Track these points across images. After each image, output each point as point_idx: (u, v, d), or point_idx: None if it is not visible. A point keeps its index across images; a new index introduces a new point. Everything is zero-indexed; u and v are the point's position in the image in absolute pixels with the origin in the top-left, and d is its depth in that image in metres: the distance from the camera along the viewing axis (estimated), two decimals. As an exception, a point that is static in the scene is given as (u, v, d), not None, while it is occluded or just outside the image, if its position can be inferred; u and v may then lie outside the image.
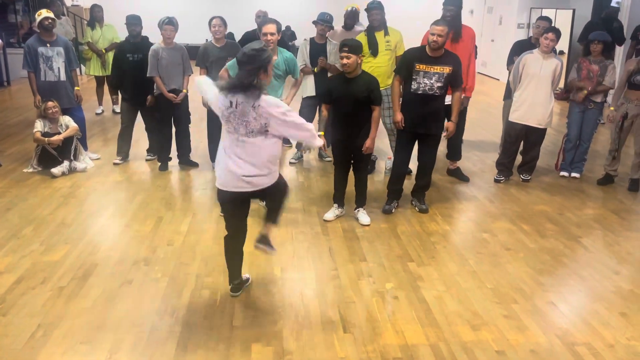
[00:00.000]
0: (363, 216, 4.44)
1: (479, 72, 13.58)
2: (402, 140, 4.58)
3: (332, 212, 4.48)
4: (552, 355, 2.75)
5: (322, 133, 4.18)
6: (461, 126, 5.47)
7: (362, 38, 5.32)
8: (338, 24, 6.03)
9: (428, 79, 4.29)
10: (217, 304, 3.20)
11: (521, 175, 5.55)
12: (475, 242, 4.16)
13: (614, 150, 5.28)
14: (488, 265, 3.74)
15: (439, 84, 4.31)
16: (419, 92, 4.34)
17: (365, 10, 5.34)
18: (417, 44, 4.87)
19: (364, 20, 5.71)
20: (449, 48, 5.02)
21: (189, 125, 5.78)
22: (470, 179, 5.58)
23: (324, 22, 5.57)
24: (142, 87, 5.56)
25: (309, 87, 5.69)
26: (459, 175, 5.61)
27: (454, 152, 5.62)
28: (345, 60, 4.03)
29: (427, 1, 16.55)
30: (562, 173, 5.65)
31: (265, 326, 2.97)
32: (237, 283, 3.30)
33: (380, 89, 5.26)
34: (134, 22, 5.61)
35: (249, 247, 3.33)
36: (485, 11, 13.55)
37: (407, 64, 4.35)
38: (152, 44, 5.51)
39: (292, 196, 5.05)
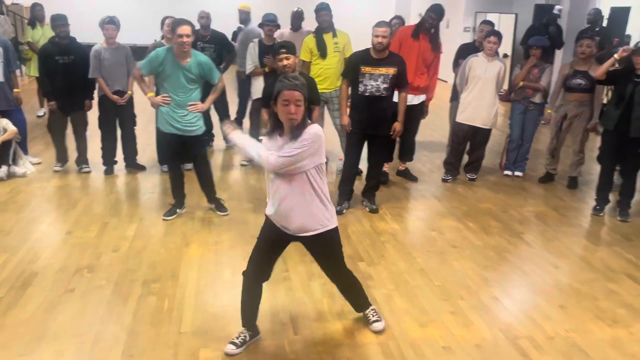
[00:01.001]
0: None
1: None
2: (352, 142, 4.62)
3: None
4: (495, 349, 2.84)
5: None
6: (414, 128, 5.59)
7: (310, 40, 5.35)
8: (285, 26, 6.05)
9: (374, 81, 4.35)
10: (164, 310, 3.13)
11: (467, 175, 5.71)
12: (424, 240, 4.24)
13: (553, 150, 5.51)
14: (436, 263, 3.82)
15: (385, 85, 4.37)
16: (366, 94, 4.39)
17: (315, 11, 5.37)
18: (366, 46, 4.94)
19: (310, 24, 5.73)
20: (421, 54, 5.18)
21: (135, 127, 5.64)
22: (419, 178, 5.69)
23: (270, 22, 5.56)
24: (74, 92, 5.29)
25: (259, 89, 5.66)
26: (407, 176, 5.72)
27: (407, 152, 5.72)
28: (285, 62, 4.02)
29: (376, 3, 16.82)
30: (506, 172, 5.85)
31: (214, 331, 2.93)
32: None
33: (331, 90, 5.35)
34: (61, 22, 5.16)
35: (195, 253, 3.27)
36: (433, 15, 13.84)
37: (353, 67, 4.40)
38: (81, 45, 5.32)
39: (243, 198, 5.02)
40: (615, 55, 4.48)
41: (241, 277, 2.83)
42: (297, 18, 5.98)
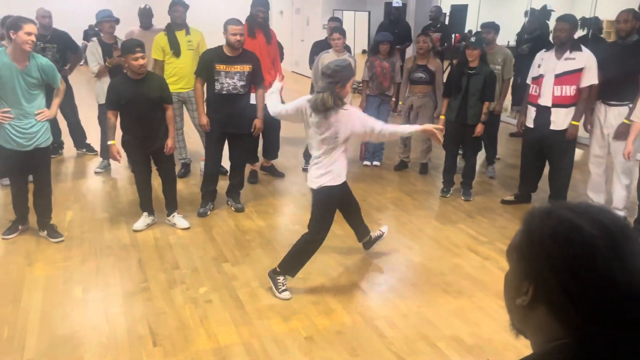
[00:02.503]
0: (180, 220, 4.31)
1: (293, 72, 14.15)
2: (211, 141, 4.53)
3: (142, 221, 4.27)
4: (355, 332, 2.97)
5: (113, 142, 3.98)
6: (277, 125, 5.62)
7: (162, 38, 5.14)
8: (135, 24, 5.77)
9: (230, 79, 4.31)
10: (4, 336, 2.82)
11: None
12: (288, 235, 4.30)
13: (405, 139, 5.89)
14: (300, 256, 3.89)
15: (242, 83, 4.35)
16: (224, 92, 4.34)
17: (169, 6, 5.16)
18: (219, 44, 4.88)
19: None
20: (264, 50, 5.16)
21: None
22: (285, 174, 5.76)
23: (110, 19, 5.25)
24: None
25: (103, 91, 5.28)
26: (273, 172, 5.76)
27: (271, 150, 5.75)
28: (141, 61, 3.85)
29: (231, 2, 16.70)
30: (365, 162, 6.15)
31: (63, 355, 2.71)
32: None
33: (188, 90, 5.19)
34: None
35: (41, 272, 2.99)
36: (293, 12, 14.12)
37: (206, 65, 4.31)
38: None
39: (97, 207, 4.70)
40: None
41: (95, 294, 2.66)
42: (146, 15, 5.72)
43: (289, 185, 5.51)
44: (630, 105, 4.19)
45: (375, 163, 6.13)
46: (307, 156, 5.88)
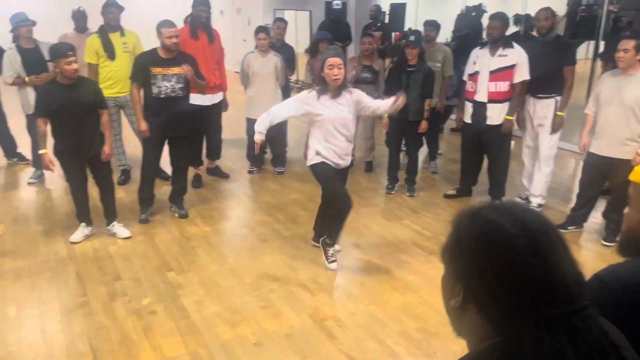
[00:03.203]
0: (121, 229, 4.16)
1: (235, 72, 13.97)
2: (151, 145, 4.39)
3: (79, 233, 4.08)
4: (304, 335, 2.96)
5: (45, 151, 3.80)
6: (218, 126, 5.56)
7: (94, 40, 4.94)
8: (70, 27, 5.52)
9: (167, 82, 4.20)
10: None
11: (276, 169, 5.86)
12: (235, 239, 4.24)
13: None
14: (247, 260, 3.84)
15: (180, 85, 4.25)
16: (162, 95, 4.21)
17: (102, 7, 4.95)
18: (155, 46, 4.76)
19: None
20: (207, 50, 5.07)
21: None
22: (230, 175, 5.68)
23: (25, 22, 4.99)
24: None
25: (30, 101, 5.01)
26: (218, 173, 5.67)
27: (214, 151, 5.66)
28: (74, 66, 3.69)
29: (169, 2, 16.32)
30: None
31: (-4, 379, 2.55)
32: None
33: (125, 94, 5.01)
34: None
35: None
36: (234, 12, 13.94)
37: (141, 69, 4.18)
38: None
39: (31, 220, 4.47)
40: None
41: (30, 312, 2.53)
42: (80, 18, 5.47)
43: (234, 187, 5.43)
44: (558, 98, 4.41)
45: (321, 162, 6.13)
46: (251, 158, 5.82)
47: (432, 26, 5.60)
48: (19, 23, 4.99)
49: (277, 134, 5.72)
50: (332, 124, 3.47)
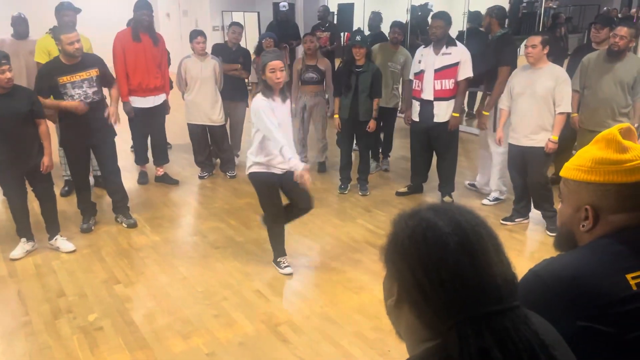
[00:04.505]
0: (64, 243, 3.99)
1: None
2: (74, 155, 4.24)
3: (20, 248, 3.89)
4: (258, 342, 2.91)
5: None
6: (161, 129, 5.53)
7: (48, 40, 4.75)
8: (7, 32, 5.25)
9: (79, 88, 4.04)
10: None
11: (227, 173, 5.77)
12: (186, 247, 4.14)
13: (302, 139, 5.91)
14: (199, 268, 3.76)
15: (94, 89, 4.11)
16: None
17: (56, 10, 4.74)
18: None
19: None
20: (149, 53, 5.01)
21: None
22: (179, 181, 5.56)
23: None
24: None
25: None
26: (167, 180, 5.54)
27: (160, 155, 5.55)
28: (8, 74, 3.52)
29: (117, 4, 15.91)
30: (263, 165, 6.08)
31: None
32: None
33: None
34: None
35: None
36: (180, 14, 13.68)
37: (48, 81, 3.96)
38: None
39: (-34, 239, 4.22)
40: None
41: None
42: (22, 24, 5.20)
43: (184, 194, 5.31)
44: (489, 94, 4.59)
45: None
46: (200, 164, 5.72)
47: (399, 28, 5.51)
48: None
49: (225, 138, 5.68)
50: (282, 126, 3.41)
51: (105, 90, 4.37)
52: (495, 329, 0.75)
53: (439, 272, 0.78)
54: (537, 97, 3.96)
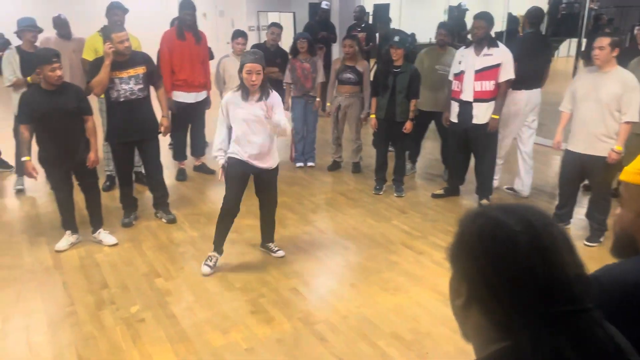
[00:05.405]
0: (107, 236, 4.11)
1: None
2: (117, 153, 4.35)
3: (65, 241, 4.02)
4: (295, 339, 2.93)
5: (27, 158, 3.72)
6: (201, 122, 5.73)
7: (96, 38, 4.96)
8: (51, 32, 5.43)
9: (126, 84, 4.14)
10: None
11: None
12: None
13: (336, 139, 5.92)
14: (236, 265, 3.81)
15: (139, 86, 4.20)
16: (121, 99, 4.16)
17: (107, 9, 4.92)
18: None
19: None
20: (194, 50, 5.20)
21: None
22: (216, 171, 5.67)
23: (32, 28, 4.96)
24: None
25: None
26: (204, 170, 5.75)
27: (197, 147, 5.80)
28: (58, 72, 3.64)
29: (158, 4, 16.22)
30: (298, 164, 6.12)
31: (-19, 394, 2.50)
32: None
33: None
34: None
35: None
36: (217, 15, 13.87)
37: (98, 72, 4.08)
38: None
39: (14, 229, 4.39)
40: None
41: (16, 323, 2.50)
42: (63, 26, 5.38)
43: (220, 191, 5.35)
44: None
45: (310, 164, 6.12)
46: None
47: (445, 29, 5.39)
48: (25, 27, 4.93)
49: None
50: (247, 124, 3.52)
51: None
52: (570, 329, 0.74)
53: (511, 271, 0.77)
54: (601, 103, 3.76)
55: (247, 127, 3.53)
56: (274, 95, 3.56)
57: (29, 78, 4.90)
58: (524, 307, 0.77)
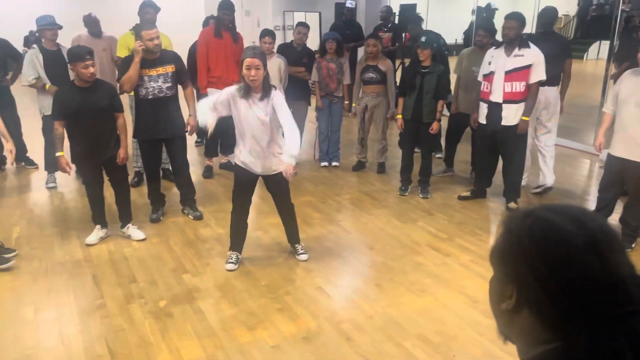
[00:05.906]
0: (135, 232, 4.17)
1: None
2: (145, 150, 4.41)
3: (95, 235, 4.10)
4: (322, 338, 2.94)
5: (61, 153, 3.80)
6: (231, 120, 5.70)
7: (129, 36, 5.05)
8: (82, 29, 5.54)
9: (154, 82, 4.20)
10: (-52, 370, 2.64)
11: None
12: (249, 241, 4.19)
13: (361, 139, 5.91)
14: (262, 262, 3.83)
15: (168, 85, 4.26)
16: (149, 97, 4.22)
17: (139, 7, 5.01)
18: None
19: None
20: (230, 49, 5.25)
21: None
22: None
23: (52, 26, 5.04)
24: None
25: (48, 103, 5.05)
26: (230, 168, 5.76)
27: (226, 145, 5.83)
28: (91, 69, 3.71)
29: (185, 3, 16.41)
30: (322, 164, 6.12)
31: (15, 382, 2.56)
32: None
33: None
34: None
35: None
36: (243, 14, 13.96)
37: (127, 69, 4.15)
38: None
39: (46, 223, 4.48)
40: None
41: (48, 314, 2.58)
42: (94, 24, 5.49)
43: (247, 190, 5.41)
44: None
45: (334, 164, 6.12)
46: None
47: (486, 31, 5.24)
48: (45, 26, 5.03)
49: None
50: (247, 124, 3.45)
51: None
52: (629, 331, 0.72)
53: (565, 272, 0.76)
54: None
55: (247, 125, 3.44)
56: (277, 94, 3.43)
57: (47, 86, 4.99)
58: (580, 308, 0.75)
